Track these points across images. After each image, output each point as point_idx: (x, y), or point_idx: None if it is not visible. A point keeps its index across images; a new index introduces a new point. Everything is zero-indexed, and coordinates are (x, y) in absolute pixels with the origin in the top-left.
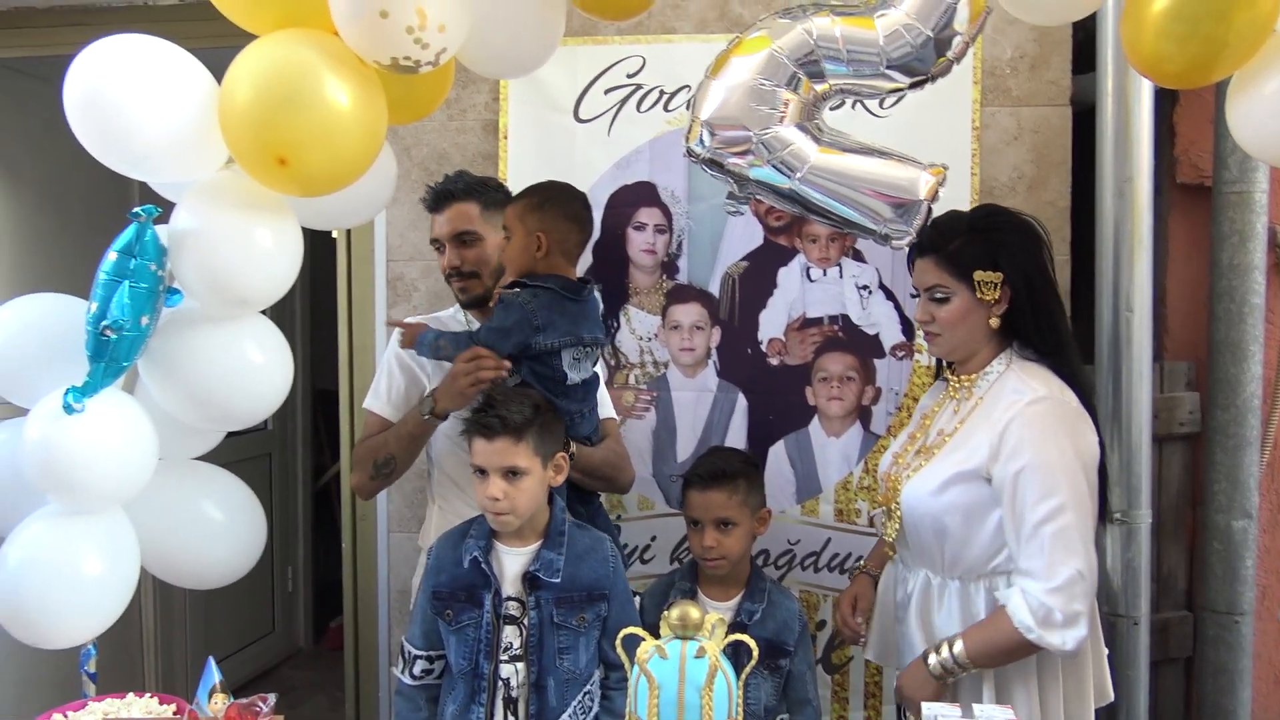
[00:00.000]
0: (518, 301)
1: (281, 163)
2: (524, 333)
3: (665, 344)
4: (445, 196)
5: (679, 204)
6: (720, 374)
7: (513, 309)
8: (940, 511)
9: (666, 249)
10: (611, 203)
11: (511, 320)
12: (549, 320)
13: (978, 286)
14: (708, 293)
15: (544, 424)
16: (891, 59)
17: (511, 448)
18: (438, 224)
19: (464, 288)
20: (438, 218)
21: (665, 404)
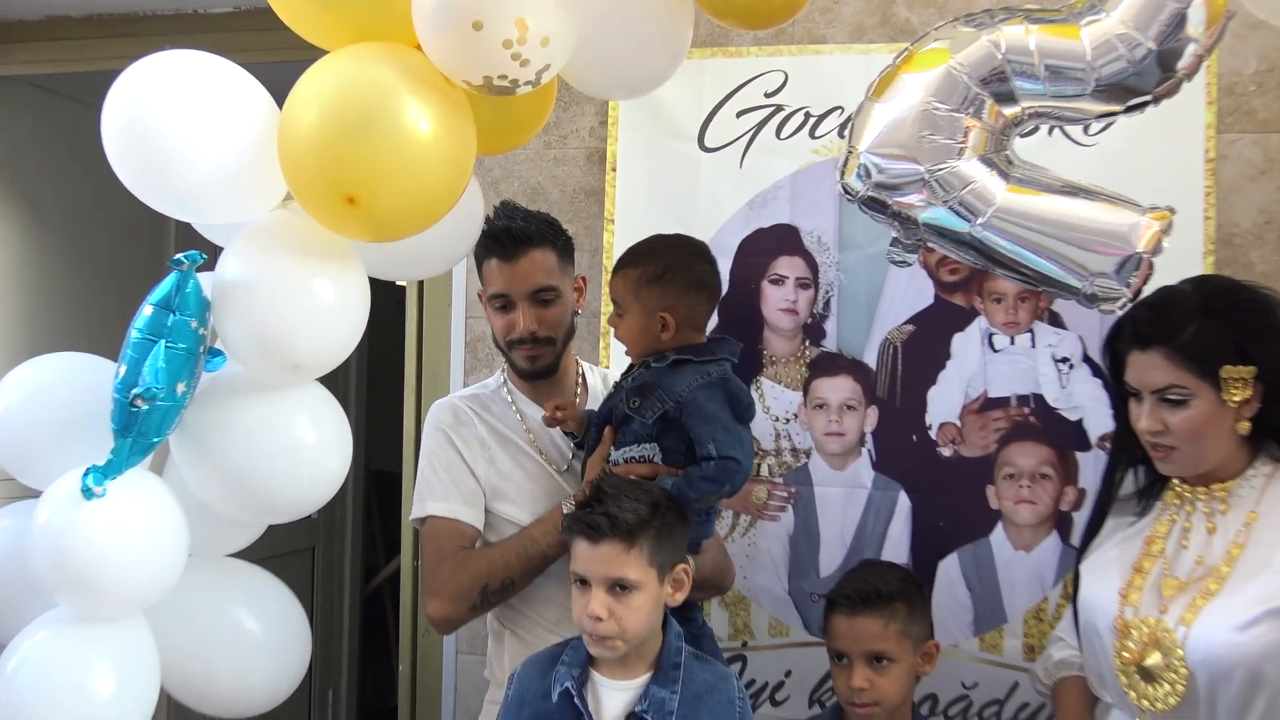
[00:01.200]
0: (718, 379)
1: (350, 201)
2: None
3: (807, 427)
4: (521, 241)
5: (827, 252)
6: (877, 466)
7: (715, 390)
8: (1256, 658)
9: (811, 308)
10: (743, 250)
11: (727, 406)
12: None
13: (1224, 385)
14: (862, 364)
15: (664, 526)
16: (1102, 77)
17: (621, 555)
18: (505, 276)
19: (535, 356)
20: (504, 267)
21: (806, 503)
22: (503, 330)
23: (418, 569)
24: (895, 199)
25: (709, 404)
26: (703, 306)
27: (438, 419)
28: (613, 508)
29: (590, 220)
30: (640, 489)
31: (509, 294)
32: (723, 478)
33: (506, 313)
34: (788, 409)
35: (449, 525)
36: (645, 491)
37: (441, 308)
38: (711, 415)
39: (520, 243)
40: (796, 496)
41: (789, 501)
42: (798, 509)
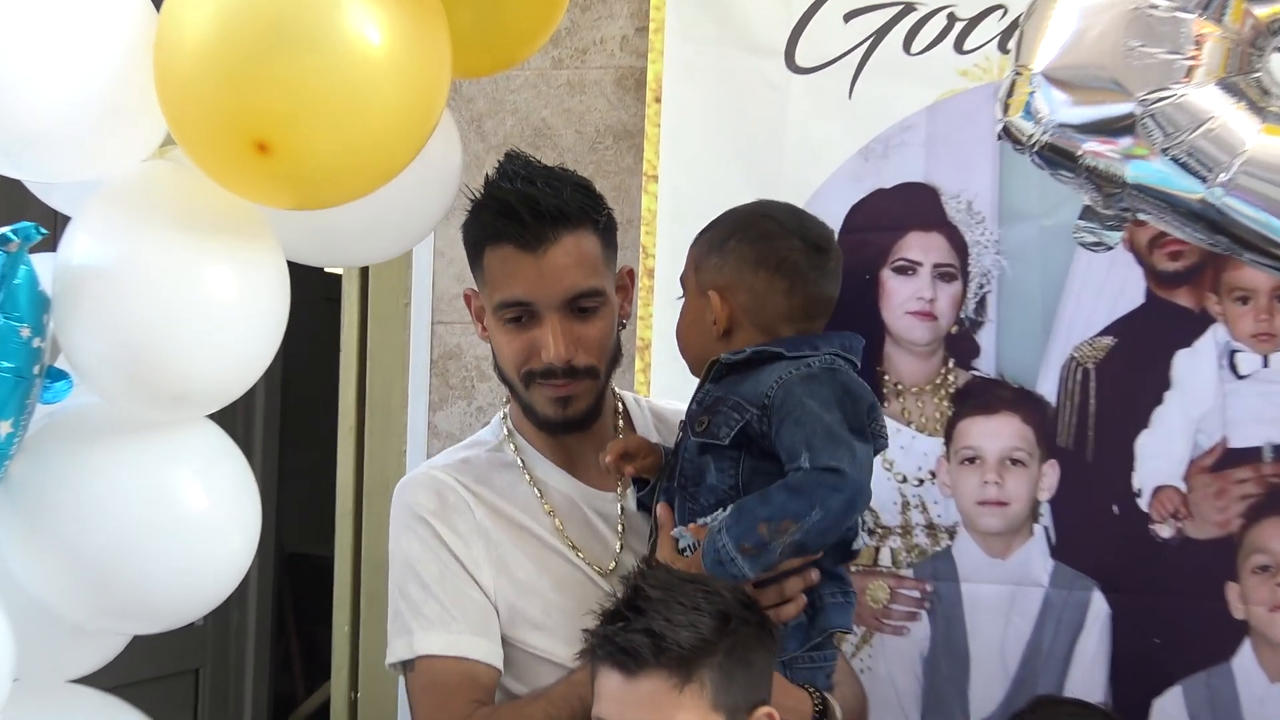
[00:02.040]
0: (822, 370)
1: (261, 149)
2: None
3: (951, 492)
4: (553, 220)
5: (981, 226)
6: (1057, 553)
7: (818, 384)
8: None
9: (957, 311)
10: (854, 223)
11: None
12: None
13: None
14: (1034, 396)
15: (737, 648)
16: None
17: (671, 696)
18: (526, 273)
19: (569, 396)
20: (525, 260)
21: (949, 608)
22: (518, 356)
23: (355, 706)
24: (1088, 147)
25: (809, 400)
26: (778, 297)
27: (413, 505)
28: (658, 622)
29: (621, 177)
30: (702, 591)
31: (533, 302)
32: (808, 493)
33: (524, 329)
34: (921, 465)
35: (454, 669)
36: (709, 595)
37: (395, 309)
38: (810, 415)
39: (552, 222)
40: (934, 598)
41: (923, 605)
42: (936, 617)
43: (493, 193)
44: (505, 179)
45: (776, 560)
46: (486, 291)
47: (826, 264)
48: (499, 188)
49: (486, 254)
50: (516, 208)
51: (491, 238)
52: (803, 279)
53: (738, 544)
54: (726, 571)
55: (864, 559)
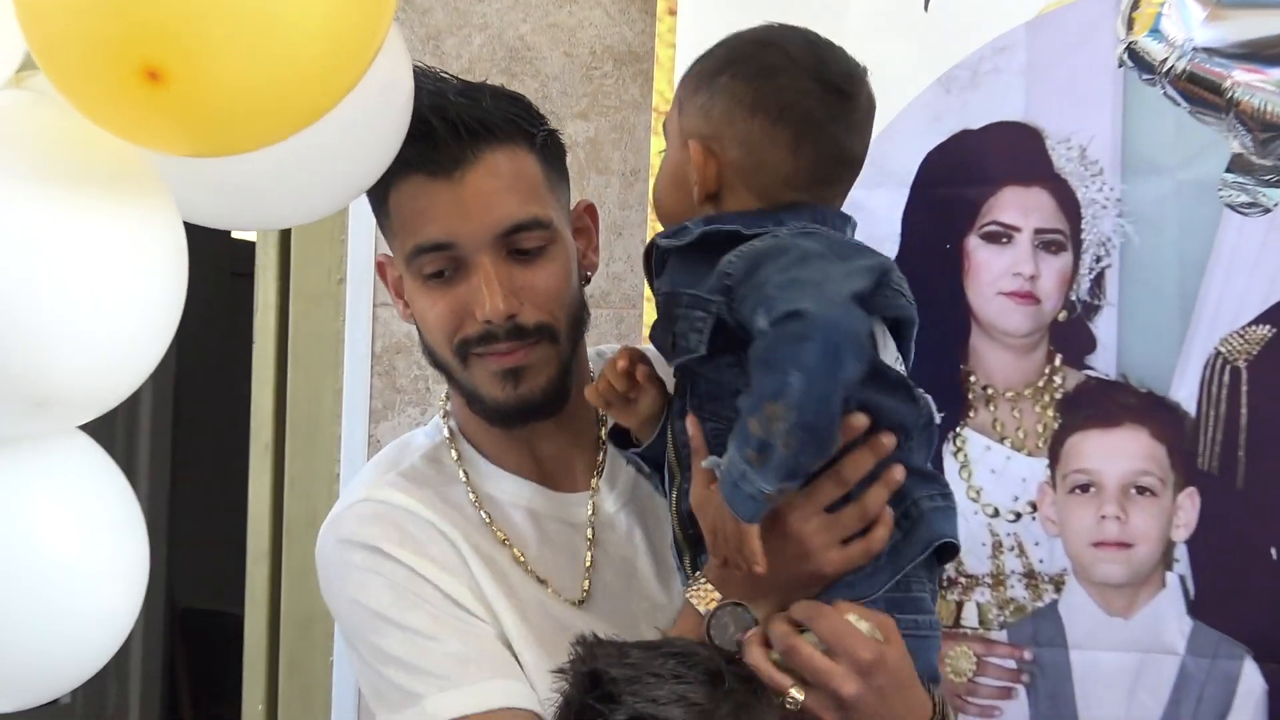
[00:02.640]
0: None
1: (151, 76)
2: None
3: (1058, 529)
4: (471, 133)
5: (1098, 180)
6: (1196, 609)
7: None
8: None
9: (1066, 291)
10: (930, 175)
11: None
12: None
13: None
14: (1167, 403)
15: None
16: None
17: None
18: (443, 205)
19: (520, 367)
20: (440, 189)
21: (1055, 680)
22: (447, 321)
23: None
24: (1238, 76)
25: (776, 259)
26: (780, 152)
27: (363, 540)
28: (641, 705)
29: (623, 113)
30: (674, 654)
31: (455, 241)
32: (776, 358)
33: (449, 285)
34: (1018, 494)
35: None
36: (685, 656)
37: (325, 288)
38: (772, 273)
39: (470, 136)
40: (1035, 670)
41: (1020, 679)
42: (1037, 695)
43: (422, 113)
44: (419, 99)
45: (790, 455)
46: (398, 244)
47: (851, 112)
48: (419, 103)
49: (391, 196)
50: (429, 120)
51: (393, 172)
52: (815, 130)
53: (743, 456)
54: (746, 496)
55: (943, 618)
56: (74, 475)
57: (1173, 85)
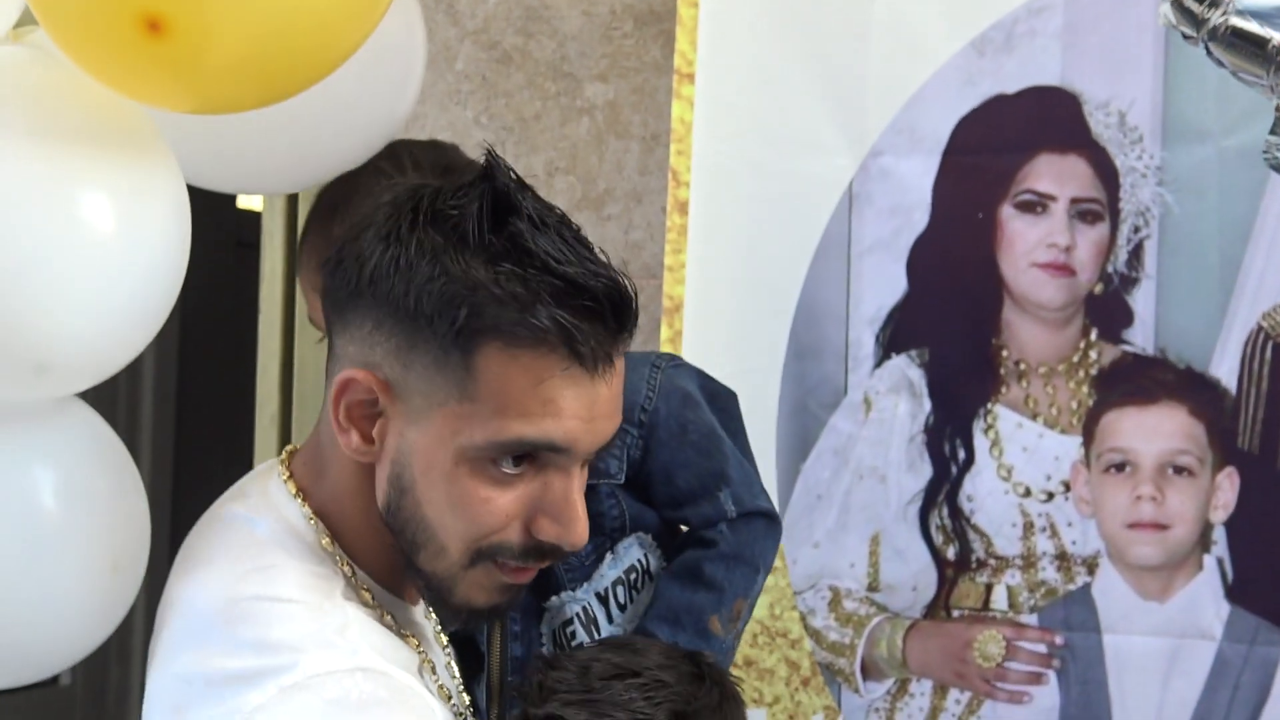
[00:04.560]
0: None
1: (152, 27)
2: None
3: (1091, 509)
4: (629, 326)
5: (1138, 148)
6: (1235, 593)
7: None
8: None
9: (1102, 263)
10: (963, 143)
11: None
12: None
13: None
14: (1207, 380)
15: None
16: None
17: None
18: (574, 407)
19: (520, 586)
20: (580, 385)
21: (1088, 667)
22: (498, 521)
23: None
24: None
25: (699, 413)
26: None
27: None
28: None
29: (644, 75)
30: (631, 673)
31: (572, 449)
32: (749, 555)
33: (519, 481)
34: (1051, 473)
35: None
36: (659, 669)
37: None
38: (711, 437)
39: (627, 332)
40: (1067, 655)
41: (1051, 664)
42: (1069, 680)
43: (532, 255)
44: (539, 235)
45: (735, 647)
46: (464, 410)
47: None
48: (547, 256)
49: (489, 351)
50: (600, 298)
51: (521, 332)
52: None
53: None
54: None
55: (972, 601)
56: (75, 445)
57: (1214, 43)
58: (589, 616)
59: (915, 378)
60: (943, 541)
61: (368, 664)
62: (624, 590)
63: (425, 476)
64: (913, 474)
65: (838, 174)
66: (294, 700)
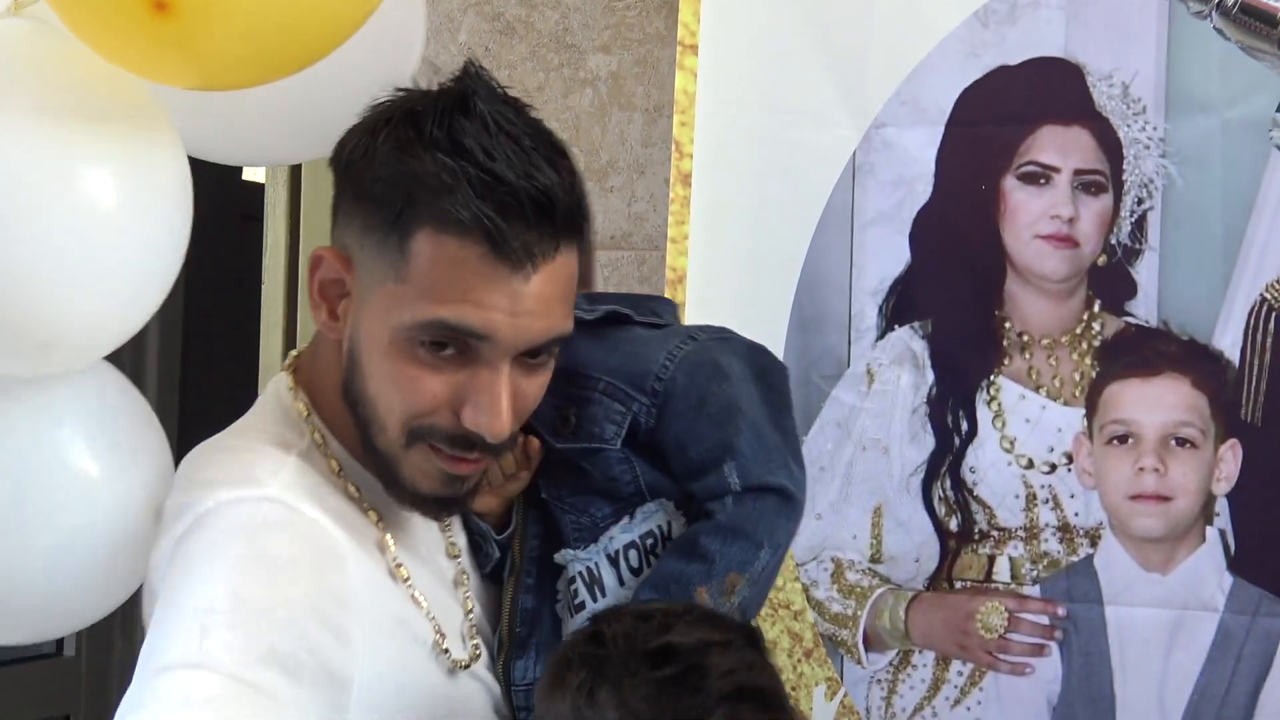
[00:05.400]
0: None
1: (157, 6)
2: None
3: (1094, 481)
4: (562, 227)
5: (1141, 119)
6: (1237, 565)
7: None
8: None
9: (1106, 235)
10: (966, 114)
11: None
12: None
13: None
14: (1210, 352)
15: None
16: None
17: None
18: (501, 297)
19: (469, 476)
20: (505, 279)
21: (1090, 638)
22: (422, 403)
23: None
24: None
25: (722, 385)
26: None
27: (259, 552)
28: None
29: (647, 46)
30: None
31: (492, 338)
32: (751, 529)
33: (449, 367)
34: (1054, 445)
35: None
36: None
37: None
38: (728, 407)
39: (556, 232)
40: (1069, 626)
41: (1053, 636)
42: (1071, 652)
43: (463, 142)
44: (474, 116)
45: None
46: (398, 290)
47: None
48: (475, 139)
49: (422, 237)
50: (519, 195)
51: (447, 220)
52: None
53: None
54: None
55: (974, 573)
56: (80, 416)
57: (1223, 17)
58: (593, 577)
59: (918, 349)
60: (945, 513)
61: (277, 496)
62: (638, 555)
63: (368, 354)
64: (915, 445)
65: (841, 145)
66: (203, 525)
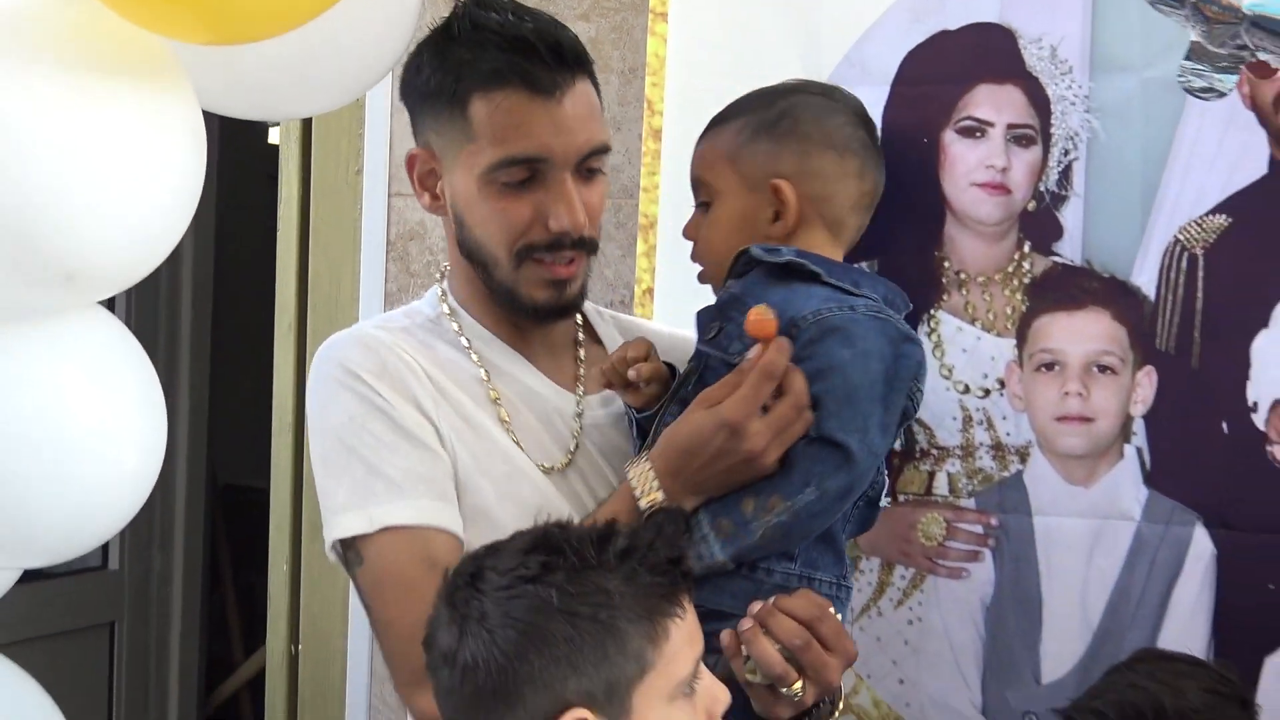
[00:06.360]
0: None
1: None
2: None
3: (1024, 404)
4: (571, 63)
5: (1068, 78)
6: (1153, 480)
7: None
8: None
9: (1035, 183)
10: (909, 75)
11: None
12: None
13: None
14: (1129, 287)
15: None
16: None
17: None
18: (542, 122)
19: (570, 279)
20: (541, 106)
21: (1019, 544)
22: (518, 226)
23: (295, 661)
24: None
25: (843, 349)
26: (849, 182)
27: (346, 363)
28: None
29: (622, 14)
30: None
31: (549, 157)
32: (804, 468)
33: (527, 193)
34: (988, 371)
35: (416, 541)
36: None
37: (344, 179)
38: (836, 367)
39: (572, 64)
40: (1001, 535)
41: (986, 543)
42: (1003, 558)
43: (484, 23)
44: (487, 7)
45: (755, 544)
46: (472, 148)
47: (877, 139)
48: (490, 19)
49: (477, 101)
50: (533, 43)
51: (490, 80)
52: (868, 158)
53: (714, 520)
54: (695, 552)
55: (916, 487)
56: (94, 343)
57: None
58: None
59: None
60: (899, 436)
61: (365, 330)
62: None
63: (468, 208)
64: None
65: None
66: (316, 358)
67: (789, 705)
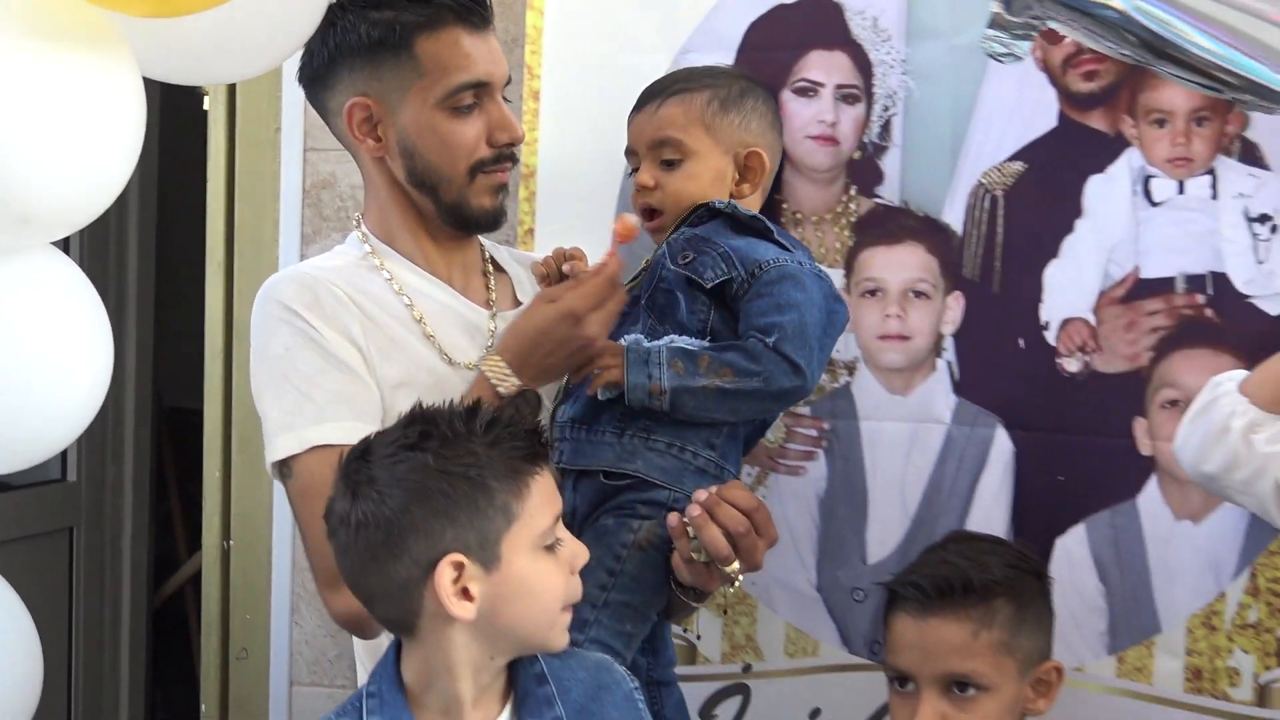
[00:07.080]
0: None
1: None
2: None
3: (852, 323)
4: (486, 2)
5: (887, 44)
6: (961, 389)
7: (819, 285)
8: None
9: (859, 135)
10: (752, 42)
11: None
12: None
13: None
14: (940, 225)
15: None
16: None
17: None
18: (480, 52)
19: (505, 184)
20: (477, 40)
21: (847, 447)
22: (473, 142)
23: (228, 555)
24: None
25: (799, 293)
26: (777, 159)
27: (283, 299)
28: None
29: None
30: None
31: (491, 81)
32: (762, 363)
33: (475, 115)
34: None
35: (337, 457)
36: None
37: (265, 135)
38: (795, 306)
39: (487, 7)
40: (832, 437)
41: (820, 445)
42: (834, 457)
43: None
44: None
45: (694, 392)
46: (424, 83)
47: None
48: None
49: (421, 42)
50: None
51: (434, 22)
52: (782, 138)
53: (671, 357)
54: (645, 370)
55: None
56: (45, 278)
57: None
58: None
59: None
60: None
61: (300, 268)
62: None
63: (420, 137)
64: None
65: (655, 68)
66: (259, 296)
67: (721, 579)
